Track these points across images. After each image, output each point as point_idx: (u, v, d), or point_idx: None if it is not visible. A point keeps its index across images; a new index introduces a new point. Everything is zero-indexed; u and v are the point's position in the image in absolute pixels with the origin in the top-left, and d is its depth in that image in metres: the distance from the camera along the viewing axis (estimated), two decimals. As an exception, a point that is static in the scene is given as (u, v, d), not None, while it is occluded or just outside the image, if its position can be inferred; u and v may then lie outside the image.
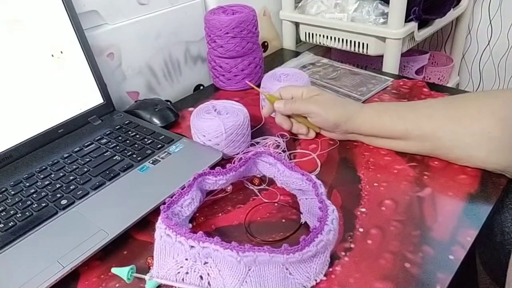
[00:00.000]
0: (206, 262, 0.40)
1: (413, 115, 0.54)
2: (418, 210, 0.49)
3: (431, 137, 0.53)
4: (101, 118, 0.68)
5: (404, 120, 0.54)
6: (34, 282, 0.41)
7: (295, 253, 0.38)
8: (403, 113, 0.55)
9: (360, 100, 0.73)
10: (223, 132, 0.57)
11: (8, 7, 0.58)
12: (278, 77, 0.70)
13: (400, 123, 0.54)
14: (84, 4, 0.66)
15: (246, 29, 0.74)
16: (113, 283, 0.43)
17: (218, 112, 0.60)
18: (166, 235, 0.41)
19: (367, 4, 0.85)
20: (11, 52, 0.58)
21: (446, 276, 0.41)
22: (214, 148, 0.58)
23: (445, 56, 1.23)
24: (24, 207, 0.50)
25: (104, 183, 0.54)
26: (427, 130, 0.53)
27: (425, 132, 0.53)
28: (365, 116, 0.57)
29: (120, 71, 0.73)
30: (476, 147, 0.51)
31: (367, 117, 0.57)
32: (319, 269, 0.41)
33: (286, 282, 0.39)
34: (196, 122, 0.60)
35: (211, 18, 0.74)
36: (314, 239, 0.39)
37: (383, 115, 0.56)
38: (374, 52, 0.87)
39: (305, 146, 0.62)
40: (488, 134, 0.49)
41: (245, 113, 0.60)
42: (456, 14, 1.05)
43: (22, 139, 0.60)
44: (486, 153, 0.51)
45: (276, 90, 0.63)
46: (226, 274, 0.39)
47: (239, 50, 0.75)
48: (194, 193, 0.48)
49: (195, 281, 0.40)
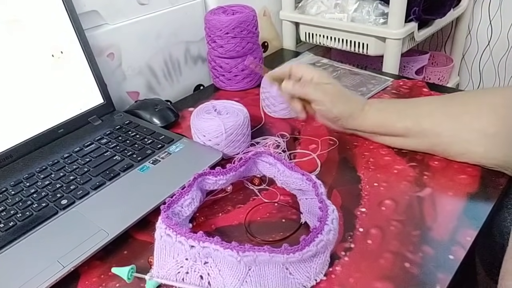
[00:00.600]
0: (206, 262, 0.40)
1: (413, 113, 0.55)
2: (418, 210, 0.49)
3: (430, 134, 0.54)
4: (101, 118, 0.68)
5: (404, 118, 0.55)
6: (34, 282, 0.41)
7: (295, 253, 0.38)
8: (404, 111, 0.56)
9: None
10: (223, 132, 0.57)
11: (8, 7, 0.58)
12: None
13: (400, 121, 0.55)
14: (84, 4, 0.66)
15: (246, 29, 0.74)
16: (113, 283, 0.43)
17: (218, 112, 0.60)
18: (166, 235, 0.41)
19: (367, 4, 0.86)
20: (11, 52, 0.58)
21: (446, 276, 0.41)
22: (214, 148, 0.58)
23: (445, 56, 1.23)
24: (24, 207, 0.50)
25: (104, 183, 0.54)
26: (426, 127, 0.54)
27: (424, 129, 0.54)
28: (366, 115, 0.57)
29: (120, 71, 0.74)
30: (475, 143, 0.51)
31: (367, 116, 0.57)
32: (319, 269, 0.41)
33: (286, 282, 0.39)
34: (196, 122, 0.60)
35: (211, 18, 0.74)
36: (314, 239, 0.39)
37: (383, 114, 0.56)
38: (374, 52, 0.87)
39: (305, 146, 0.62)
40: (487, 130, 0.50)
41: (245, 113, 0.60)
42: (456, 14, 1.05)
43: (22, 139, 0.60)
44: (484, 148, 0.51)
45: (287, 65, 0.62)
46: (226, 274, 0.39)
47: (239, 50, 0.75)
48: (194, 193, 0.49)
49: (195, 281, 0.40)
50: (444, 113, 0.53)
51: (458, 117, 0.52)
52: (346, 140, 0.63)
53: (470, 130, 0.51)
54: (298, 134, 0.66)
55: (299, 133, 0.66)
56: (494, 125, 0.49)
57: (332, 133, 0.65)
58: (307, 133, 0.66)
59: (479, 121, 0.50)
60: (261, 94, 0.72)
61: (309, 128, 0.67)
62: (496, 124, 0.49)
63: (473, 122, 0.51)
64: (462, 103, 0.53)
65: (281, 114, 0.70)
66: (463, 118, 0.51)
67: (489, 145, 0.50)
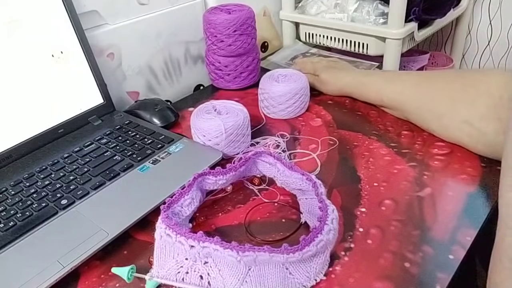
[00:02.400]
0: (206, 261, 0.40)
1: (389, 89, 0.66)
2: (418, 210, 0.49)
3: (401, 109, 0.65)
4: (101, 118, 0.68)
5: (382, 92, 0.67)
6: (34, 282, 0.41)
7: (295, 252, 0.38)
8: (383, 86, 0.67)
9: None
10: (223, 132, 0.57)
11: (8, 7, 0.58)
12: (276, 77, 0.70)
13: (378, 95, 0.67)
14: (84, 4, 0.66)
15: (243, 28, 0.74)
16: (113, 283, 0.43)
17: (218, 112, 0.60)
18: (166, 234, 0.41)
19: (367, 4, 0.86)
20: (11, 52, 0.58)
21: (446, 276, 0.41)
22: (214, 148, 0.58)
23: (445, 56, 1.23)
24: (24, 207, 0.50)
25: (104, 183, 0.54)
26: (396, 103, 0.65)
27: (396, 104, 0.65)
28: (351, 82, 0.71)
29: (120, 71, 0.74)
30: (435, 118, 0.59)
31: (353, 83, 0.71)
32: (319, 269, 0.41)
33: (286, 281, 0.39)
34: (196, 122, 0.60)
35: (209, 17, 0.74)
36: (314, 239, 0.39)
37: (366, 85, 0.70)
38: (374, 52, 0.87)
39: (305, 146, 0.63)
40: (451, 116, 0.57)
41: (245, 113, 0.60)
42: (456, 14, 1.05)
43: (22, 139, 0.60)
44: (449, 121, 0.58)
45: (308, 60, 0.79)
46: (226, 274, 0.39)
47: (236, 49, 0.75)
48: (194, 193, 0.49)
49: (195, 280, 0.40)
50: (413, 94, 0.62)
51: (424, 97, 0.61)
52: (346, 140, 0.63)
53: (428, 109, 0.60)
54: (298, 134, 0.66)
55: (299, 133, 0.66)
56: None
57: (332, 133, 0.65)
58: (307, 133, 0.66)
59: (439, 105, 0.58)
60: (259, 95, 0.72)
61: (309, 128, 0.67)
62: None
63: (441, 105, 0.58)
64: (433, 88, 0.60)
65: (280, 115, 0.70)
66: (429, 99, 0.60)
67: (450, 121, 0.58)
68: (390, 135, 0.63)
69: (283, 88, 0.67)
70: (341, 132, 0.65)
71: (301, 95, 0.68)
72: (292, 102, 0.68)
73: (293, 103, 0.68)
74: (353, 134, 0.64)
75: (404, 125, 0.65)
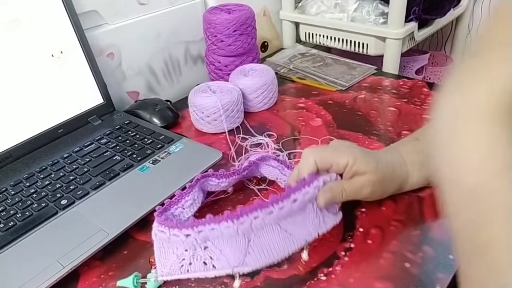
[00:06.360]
0: (206, 246, 0.40)
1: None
2: (418, 210, 0.49)
3: None
4: (101, 118, 0.68)
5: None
6: (34, 282, 0.41)
7: (283, 201, 0.39)
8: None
9: (345, 87, 0.78)
10: (220, 108, 0.63)
11: (8, 7, 0.58)
12: (247, 72, 0.73)
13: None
14: (84, 4, 0.66)
15: (243, 28, 0.74)
16: (113, 283, 0.43)
17: (213, 91, 0.67)
18: (160, 231, 0.41)
19: (367, 4, 0.86)
20: (11, 52, 0.58)
21: (446, 276, 0.41)
22: (213, 124, 0.58)
23: (445, 56, 1.23)
24: (24, 207, 0.50)
25: (104, 183, 0.54)
26: None
27: None
28: (413, 179, 0.50)
29: (120, 71, 0.73)
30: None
31: (414, 179, 0.50)
32: (316, 222, 0.41)
33: (288, 242, 0.40)
34: (194, 100, 0.65)
35: (209, 17, 0.74)
36: (301, 189, 0.40)
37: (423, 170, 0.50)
38: (374, 52, 0.87)
39: (305, 146, 0.62)
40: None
41: (238, 91, 0.67)
42: (456, 14, 1.05)
43: (22, 139, 0.60)
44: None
45: (308, 155, 0.45)
46: (228, 252, 0.39)
47: (236, 49, 0.75)
48: (195, 194, 0.48)
49: (200, 268, 0.40)
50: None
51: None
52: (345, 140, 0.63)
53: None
54: (298, 134, 0.66)
55: (299, 133, 0.66)
56: None
57: (332, 133, 0.65)
58: (307, 133, 0.66)
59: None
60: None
61: (309, 128, 0.67)
62: None
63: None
64: None
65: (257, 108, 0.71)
66: None
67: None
68: (390, 135, 0.63)
69: (250, 82, 0.70)
70: (341, 132, 0.65)
71: (265, 90, 0.71)
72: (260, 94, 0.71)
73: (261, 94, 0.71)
74: (353, 134, 0.64)
75: (404, 125, 0.65)
